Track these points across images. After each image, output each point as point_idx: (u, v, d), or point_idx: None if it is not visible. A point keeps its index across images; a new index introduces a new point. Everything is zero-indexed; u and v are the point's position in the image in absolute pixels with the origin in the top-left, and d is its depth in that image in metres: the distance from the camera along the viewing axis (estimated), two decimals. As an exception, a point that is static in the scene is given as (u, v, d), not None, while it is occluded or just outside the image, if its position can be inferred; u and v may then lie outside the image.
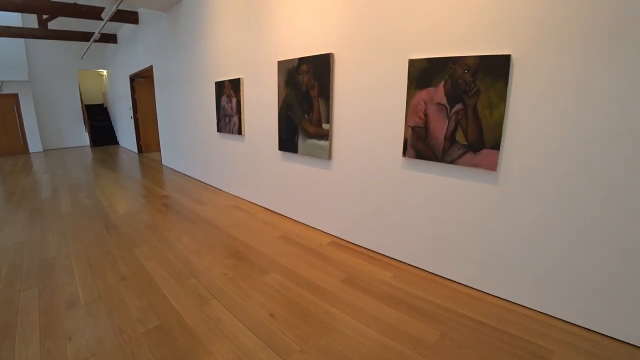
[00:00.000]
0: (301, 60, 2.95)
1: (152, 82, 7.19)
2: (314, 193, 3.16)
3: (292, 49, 3.10)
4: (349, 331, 1.82)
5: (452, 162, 2.08)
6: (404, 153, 2.30)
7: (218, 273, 2.49)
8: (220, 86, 4.26)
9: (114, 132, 11.22)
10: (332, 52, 2.70)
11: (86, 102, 11.51)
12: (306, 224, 3.34)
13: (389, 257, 2.60)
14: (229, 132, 4.24)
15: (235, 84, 3.93)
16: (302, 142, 3.10)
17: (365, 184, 2.66)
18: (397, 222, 2.48)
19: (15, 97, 9.77)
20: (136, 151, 8.70)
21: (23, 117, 9.97)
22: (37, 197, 5.09)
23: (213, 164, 4.92)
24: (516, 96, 1.86)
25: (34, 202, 4.78)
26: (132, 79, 8.05)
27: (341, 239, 2.96)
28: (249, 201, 4.13)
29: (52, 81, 10.50)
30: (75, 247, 3.13)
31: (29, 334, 1.99)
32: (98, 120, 11.24)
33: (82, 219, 3.92)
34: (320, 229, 3.18)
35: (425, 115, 2.16)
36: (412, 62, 2.17)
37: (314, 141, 2.96)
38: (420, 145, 2.22)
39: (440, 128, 2.09)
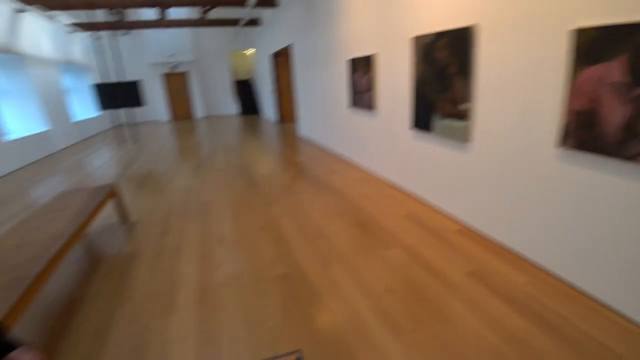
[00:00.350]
0: (438, 34, 2.71)
1: (290, 59, 7.84)
2: (445, 175, 2.97)
3: (428, 23, 2.87)
4: (466, 326, 1.68)
5: (629, 158, 1.62)
6: (562, 142, 1.91)
7: (343, 240, 2.63)
8: (353, 62, 4.33)
9: (257, 103, 12.85)
10: (475, 24, 2.39)
11: (237, 78, 13.54)
12: (434, 206, 3.18)
13: (525, 258, 2.27)
14: (361, 107, 4.32)
15: (369, 61, 3.93)
16: (436, 122, 2.91)
17: (506, 173, 2.34)
18: (540, 221, 2.13)
19: (186, 74, 12.44)
20: (275, 121, 9.79)
21: (192, 90, 12.56)
22: (199, 153, 6.28)
23: (344, 137, 5.12)
24: None
25: (197, 158, 5.92)
26: (274, 56, 8.97)
27: (471, 228, 2.72)
28: (377, 175, 4.19)
29: (211, 61, 12.75)
30: (225, 196, 3.77)
31: (191, 257, 2.52)
32: (245, 94, 13.09)
33: (231, 174, 4.67)
34: (449, 214, 2.98)
35: (595, 97, 1.72)
36: (579, 32, 1.73)
37: (450, 121, 2.75)
38: (584, 134, 1.79)
39: (615, 115, 1.64)
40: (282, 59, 9.05)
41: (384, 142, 3.94)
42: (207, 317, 1.85)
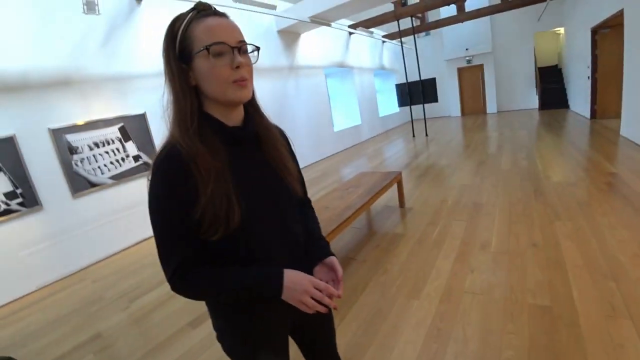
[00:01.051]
0: None
1: (620, 32, 5.65)
2: None
3: None
4: None
5: None
6: None
7: (654, 293, 1.80)
8: None
9: (565, 94, 10.36)
10: None
11: (539, 65, 11.32)
12: None
13: None
14: None
15: None
16: None
17: None
18: None
19: (481, 67, 11.81)
20: (588, 116, 7.59)
21: (485, 83, 11.87)
22: (484, 151, 5.99)
23: None
24: None
25: (481, 155, 5.68)
26: (594, 32, 6.78)
27: None
28: None
29: (510, 48, 11.35)
30: (502, 201, 3.44)
31: (448, 253, 2.55)
32: (550, 83, 10.77)
33: (515, 177, 4.16)
34: None
35: None
36: None
37: None
38: None
39: None
40: (605, 34, 6.75)
41: None
42: (445, 317, 1.86)
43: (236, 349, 0.83)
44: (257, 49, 0.76)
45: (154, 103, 4.18)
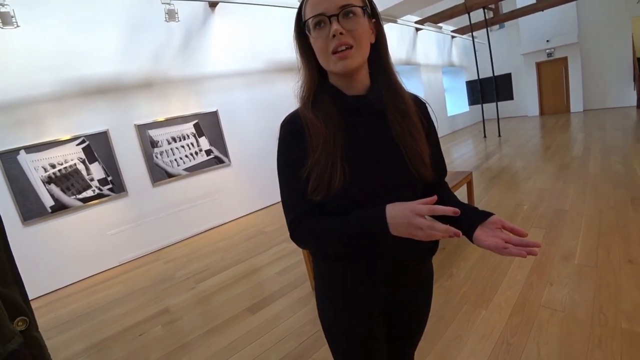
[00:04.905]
0: None
1: None
2: None
3: None
4: None
5: None
6: None
7: None
8: None
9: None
10: None
11: (639, 55, 9.58)
12: None
13: None
14: None
15: None
16: None
17: None
18: None
19: (564, 60, 10.34)
20: None
21: (570, 78, 10.39)
22: (568, 153, 5.32)
23: None
24: None
25: (564, 157, 5.05)
26: None
27: None
28: None
29: (601, 37, 9.76)
30: (590, 209, 3.01)
31: (523, 263, 2.29)
32: (656, 76, 9.14)
33: (607, 183, 3.61)
34: None
35: None
36: None
37: None
38: None
39: None
40: None
41: None
42: (517, 331, 1.67)
43: (327, 311, 0.84)
44: (364, 7, 0.69)
45: (226, 101, 4.51)
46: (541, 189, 3.77)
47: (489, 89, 8.47)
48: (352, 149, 0.71)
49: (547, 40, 10.37)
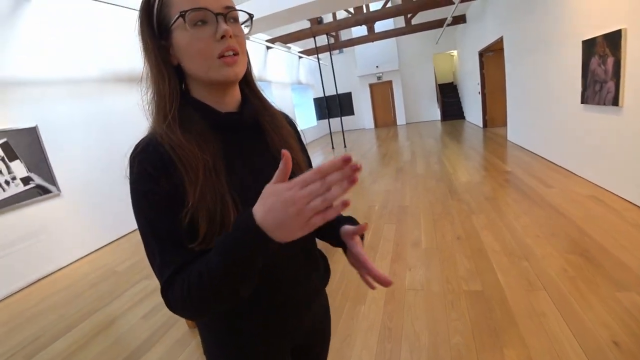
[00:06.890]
0: None
1: (501, 54, 6.86)
2: None
3: None
4: None
5: None
6: None
7: (556, 266, 2.12)
8: (589, 45, 3.31)
9: (461, 107, 12.05)
10: None
11: (439, 82, 13.08)
12: None
13: None
14: (598, 104, 3.30)
15: (613, 39, 2.92)
16: None
17: None
18: None
19: (390, 83, 13.05)
20: (481, 125, 8.90)
21: (395, 98, 13.11)
22: (400, 158, 6.51)
23: (570, 142, 4.09)
24: None
25: (398, 162, 6.15)
26: (481, 54, 8.11)
27: None
28: (615, 194, 3.14)
29: (414, 67, 12.81)
30: (424, 202, 3.74)
31: (385, 255, 2.65)
32: (448, 97, 12.51)
33: (431, 180, 4.58)
34: None
35: None
36: None
37: None
38: None
39: None
40: (490, 56, 8.10)
41: (632, 149, 2.85)
42: (393, 316, 1.90)
43: None
44: (251, 17, 0.62)
45: (49, 116, 3.57)
46: (385, 190, 4.46)
47: (333, 105, 9.63)
48: (236, 175, 0.60)
49: (377, 66, 12.68)
